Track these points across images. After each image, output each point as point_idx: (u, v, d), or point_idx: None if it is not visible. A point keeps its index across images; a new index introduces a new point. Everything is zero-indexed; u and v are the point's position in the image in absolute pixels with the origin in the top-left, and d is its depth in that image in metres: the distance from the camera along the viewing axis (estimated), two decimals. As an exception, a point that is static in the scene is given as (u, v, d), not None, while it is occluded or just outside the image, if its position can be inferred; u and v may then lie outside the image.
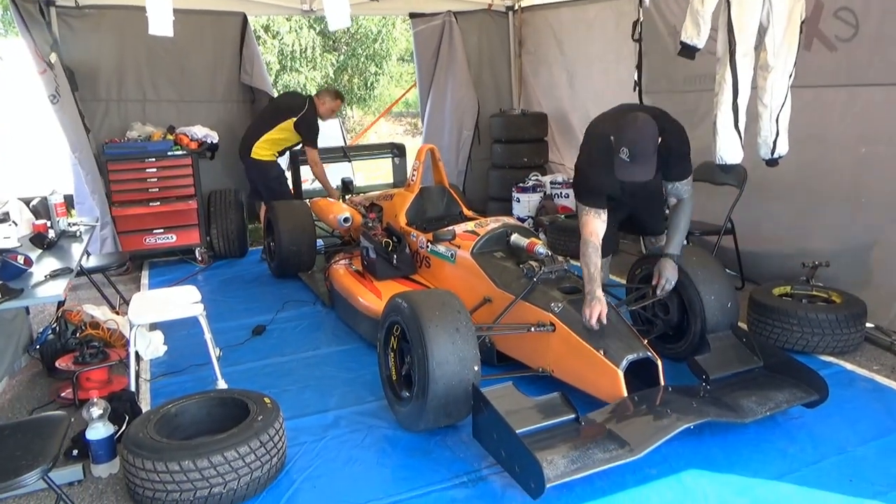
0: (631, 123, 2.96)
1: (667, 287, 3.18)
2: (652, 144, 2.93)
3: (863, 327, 3.57)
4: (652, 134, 2.93)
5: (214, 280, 5.41)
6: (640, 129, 2.93)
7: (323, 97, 5.95)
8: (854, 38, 3.73)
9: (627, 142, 2.91)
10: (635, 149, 2.89)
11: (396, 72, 18.56)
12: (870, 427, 2.83)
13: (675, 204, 3.34)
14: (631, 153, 2.90)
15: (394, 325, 2.98)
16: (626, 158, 2.91)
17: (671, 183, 3.29)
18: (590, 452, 2.41)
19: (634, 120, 2.97)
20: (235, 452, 2.37)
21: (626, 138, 2.92)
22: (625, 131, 2.94)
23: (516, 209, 6.44)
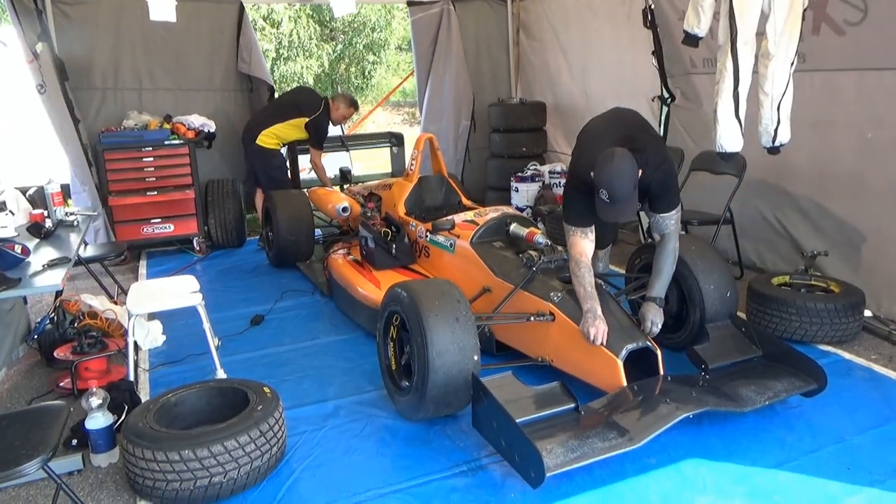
0: (608, 162, 2.83)
1: (653, 330, 3.04)
2: (630, 183, 2.84)
3: (861, 317, 3.58)
4: (630, 172, 2.84)
5: (212, 270, 5.40)
6: (617, 168, 2.82)
7: (338, 103, 5.96)
8: (863, 22, 3.70)
9: (605, 183, 2.82)
10: (613, 190, 2.81)
11: (394, 61, 18.48)
12: (867, 416, 2.84)
13: (659, 241, 3.17)
14: (610, 195, 2.82)
15: (393, 315, 2.97)
16: (606, 199, 2.84)
17: (654, 215, 3.15)
18: (589, 441, 2.42)
19: (611, 158, 2.84)
20: (235, 442, 2.37)
21: (604, 179, 2.82)
22: (602, 171, 2.83)
23: (515, 199, 6.42)
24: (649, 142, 3.07)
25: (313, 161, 5.98)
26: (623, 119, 3.24)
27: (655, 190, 3.06)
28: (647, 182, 3.00)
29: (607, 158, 2.86)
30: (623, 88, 5.90)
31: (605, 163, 2.86)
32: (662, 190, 3.09)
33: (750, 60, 3.29)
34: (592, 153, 3.00)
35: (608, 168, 2.84)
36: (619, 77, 5.98)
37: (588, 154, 3.05)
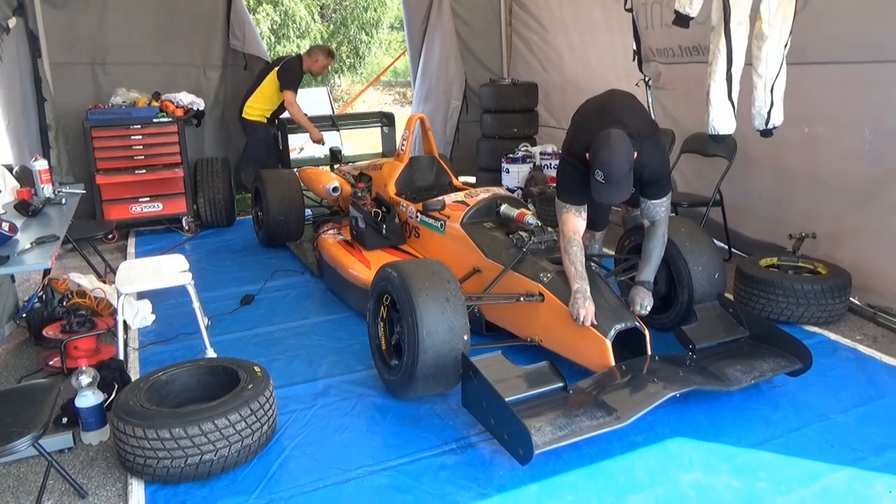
0: (604, 143, 2.85)
1: (642, 312, 3.06)
2: (626, 164, 2.86)
3: (847, 298, 3.62)
4: (626, 153, 2.85)
5: (202, 249, 5.39)
6: (614, 149, 2.83)
7: (315, 54, 5.96)
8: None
9: (601, 164, 2.83)
10: (610, 172, 2.83)
11: (386, 39, 18.32)
12: (851, 395, 2.89)
13: (649, 227, 3.18)
14: (606, 175, 2.84)
15: (384, 295, 2.98)
16: (602, 180, 2.86)
17: (646, 201, 3.15)
18: (577, 420, 2.44)
19: (608, 139, 2.85)
20: (226, 420, 2.38)
21: (600, 160, 2.84)
22: (599, 152, 2.85)
23: (506, 180, 6.41)
24: (644, 126, 3.07)
25: (287, 102, 5.81)
26: (618, 101, 3.24)
27: (648, 176, 3.07)
28: (641, 167, 3.00)
29: (604, 140, 2.87)
30: (615, 69, 5.89)
31: (602, 144, 2.86)
32: (655, 176, 3.09)
33: (743, 42, 3.29)
34: (587, 134, 3.00)
35: (605, 149, 2.84)
36: (612, 57, 5.96)
37: (583, 134, 3.05)
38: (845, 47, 3.65)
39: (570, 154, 3.13)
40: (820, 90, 3.82)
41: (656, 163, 3.08)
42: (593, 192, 2.96)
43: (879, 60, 3.50)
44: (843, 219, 3.87)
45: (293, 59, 6.00)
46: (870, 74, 3.56)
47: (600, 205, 3.39)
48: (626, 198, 2.99)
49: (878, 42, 3.48)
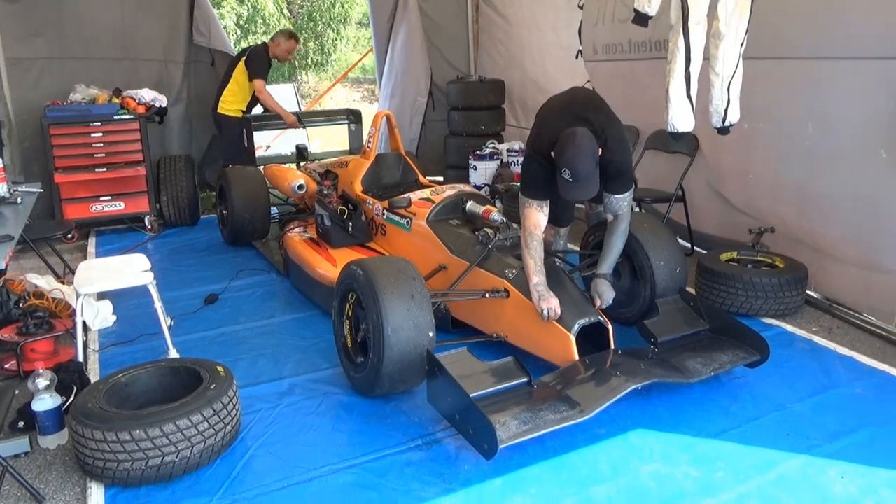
0: (570, 142, 2.88)
1: (603, 306, 3.08)
2: (593, 161, 2.90)
3: (803, 291, 3.71)
4: (591, 151, 2.89)
5: (165, 248, 5.30)
6: (580, 147, 2.87)
7: (277, 39, 5.93)
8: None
9: (567, 163, 2.87)
10: (576, 169, 2.86)
11: (354, 36, 18.23)
12: (807, 385, 2.97)
13: (612, 222, 3.22)
14: (573, 174, 2.87)
15: (349, 293, 2.97)
16: (569, 178, 2.89)
17: (609, 196, 3.17)
18: (542, 414, 2.47)
19: (573, 137, 2.88)
20: (188, 421, 2.35)
21: (566, 159, 2.87)
22: (565, 151, 2.88)
23: (473, 177, 6.44)
24: (607, 122, 3.11)
25: (258, 91, 5.79)
26: (581, 98, 3.28)
27: (612, 171, 3.10)
28: (605, 162, 3.03)
29: (569, 138, 2.89)
30: (573, 68, 5.96)
31: (567, 143, 2.89)
32: (618, 171, 3.13)
33: (701, 41, 3.34)
34: (551, 131, 3.03)
35: (570, 148, 2.87)
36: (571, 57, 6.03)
37: (547, 131, 3.08)
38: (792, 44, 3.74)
39: (535, 151, 3.16)
40: (770, 87, 3.91)
41: (619, 158, 3.11)
42: (561, 191, 2.99)
43: (825, 57, 3.60)
44: (798, 213, 3.97)
45: (258, 47, 5.96)
46: (816, 71, 3.66)
47: (565, 201, 3.43)
48: (593, 194, 3.03)
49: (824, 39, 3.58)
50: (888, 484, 2.30)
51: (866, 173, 3.49)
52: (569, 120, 3.02)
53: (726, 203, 4.52)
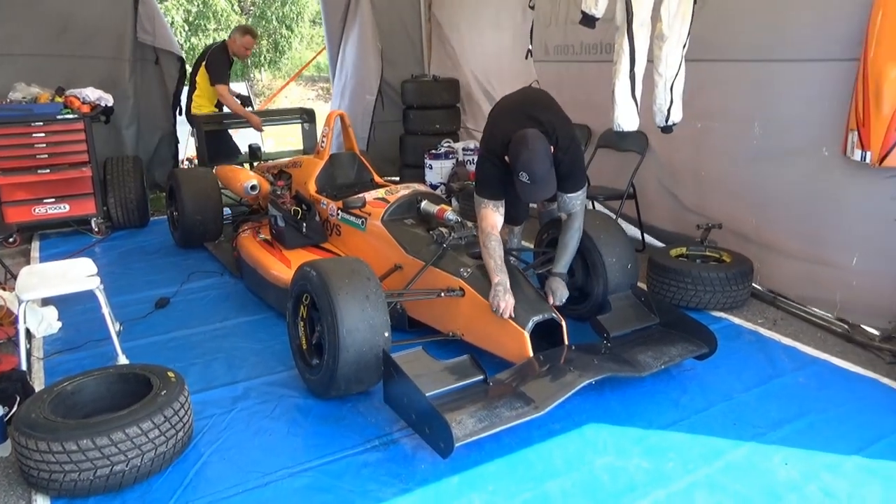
0: (523, 146, 2.91)
1: (557, 303, 3.14)
2: (548, 161, 2.94)
3: (749, 284, 3.83)
4: (545, 151, 2.94)
5: (113, 252, 5.16)
6: (534, 150, 2.90)
7: (233, 35, 5.92)
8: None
9: (523, 166, 2.90)
10: (532, 171, 2.90)
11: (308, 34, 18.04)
12: (753, 375, 3.07)
13: (566, 220, 3.27)
14: (529, 176, 2.91)
15: (303, 294, 2.95)
16: (526, 181, 2.92)
17: (562, 195, 3.21)
18: (497, 411, 2.49)
19: (525, 141, 2.92)
20: (138, 428, 2.30)
21: (522, 162, 2.90)
22: (519, 155, 2.91)
23: (429, 176, 6.44)
24: (558, 122, 3.15)
25: (221, 97, 5.85)
26: (532, 99, 3.32)
27: (563, 170, 3.14)
28: (557, 161, 3.07)
29: (522, 142, 2.92)
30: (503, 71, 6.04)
31: (521, 146, 2.92)
32: (570, 170, 3.17)
33: (646, 42, 3.42)
34: (503, 131, 3.07)
35: (524, 152, 2.91)
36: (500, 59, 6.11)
37: (499, 131, 3.11)
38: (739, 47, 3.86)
39: (488, 151, 3.18)
40: (718, 88, 4.03)
41: (571, 157, 3.16)
42: (520, 193, 3.02)
43: (771, 59, 3.72)
44: (747, 209, 4.09)
45: (216, 48, 5.90)
46: (762, 72, 3.78)
47: (519, 199, 3.47)
48: (552, 193, 3.07)
49: (769, 41, 3.70)
50: (828, 468, 2.40)
51: (810, 170, 3.63)
52: (520, 120, 3.06)
53: (676, 200, 4.63)
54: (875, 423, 2.67)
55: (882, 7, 3.00)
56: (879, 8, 3.01)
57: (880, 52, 3.02)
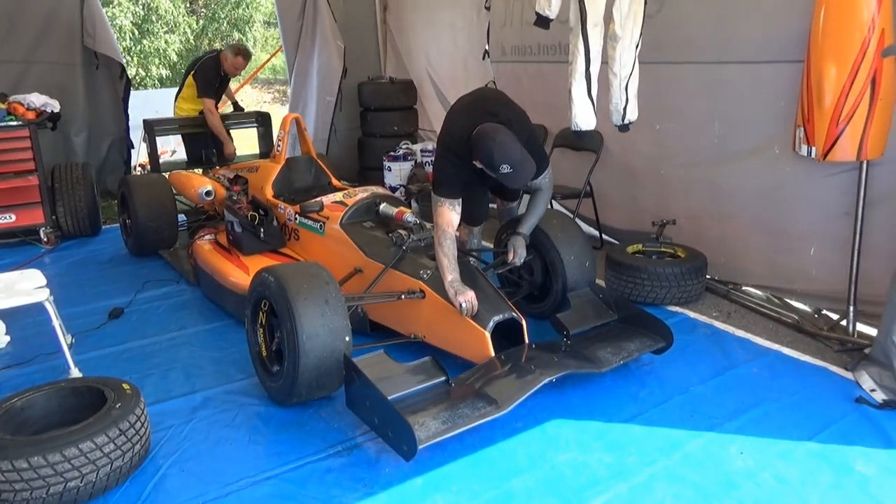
0: (491, 141, 2.93)
1: (517, 261, 3.26)
2: (518, 145, 2.97)
3: (703, 279, 3.93)
4: (511, 137, 2.96)
5: (63, 262, 5.00)
6: (501, 141, 2.93)
7: (225, 54, 5.82)
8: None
9: (501, 159, 2.91)
10: (511, 159, 2.92)
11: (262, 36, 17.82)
12: (708, 368, 3.15)
13: (534, 192, 3.37)
14: (511, 164, 2.93)
15: (262, 300, 2.91)
16: (510, 170, 2.93)
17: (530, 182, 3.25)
18: (460, 412, 2.50)
19: (492, 136, 2.94)
20: (92, 443, 2.24)
21: (498, 157, 2.91)
22: (491, 150, 2.92)
23: (388, 178, 6.43)
24: (513, 116, 3.18)
25: (205, 111, 5.77)
26: (488, 97, 3.37)
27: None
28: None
29: (485, 137, 2.94)
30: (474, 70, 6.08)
31: (487, 141, 2.94)
32: (530, 151, 3.16)
33: (600, 42, 3.47)
34: (461, 128, 3.09)
35: (492, 144, 2.92)
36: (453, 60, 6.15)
37: (457, 128, 3.13)
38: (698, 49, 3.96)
39: (446, 149, 3.19)
40: (677, 88, 4.13)
41: (531, 145, 3.17)
42: (507, 183, 3.07)
43: (726, 61, 3.83)
44: (703, 206, 4.20)
45: (207, 60, 5.79)
46: (719, 74, 3.88)
47: (478, 199, 3.49)
48: (534, 169, 3.08)
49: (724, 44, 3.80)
50: (782, 456, 2.47)
51: (764, 167, 3.74)
52: (476, 115, 3.09)
53: (632, 197, 4.71)
54: (824, 409, 2.77)
55: (821, 10, 3.11)
56: (819, 11, 3.12)
57: (820, 52, 3.14)
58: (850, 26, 3.01)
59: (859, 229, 3.29)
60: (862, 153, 3.14)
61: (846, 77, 3.05)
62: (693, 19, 3.95)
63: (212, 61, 5.79)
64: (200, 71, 5.75)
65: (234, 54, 5.80)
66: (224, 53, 5.81)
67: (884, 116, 3.09)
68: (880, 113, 3.07)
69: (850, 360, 3.13)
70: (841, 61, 3.05)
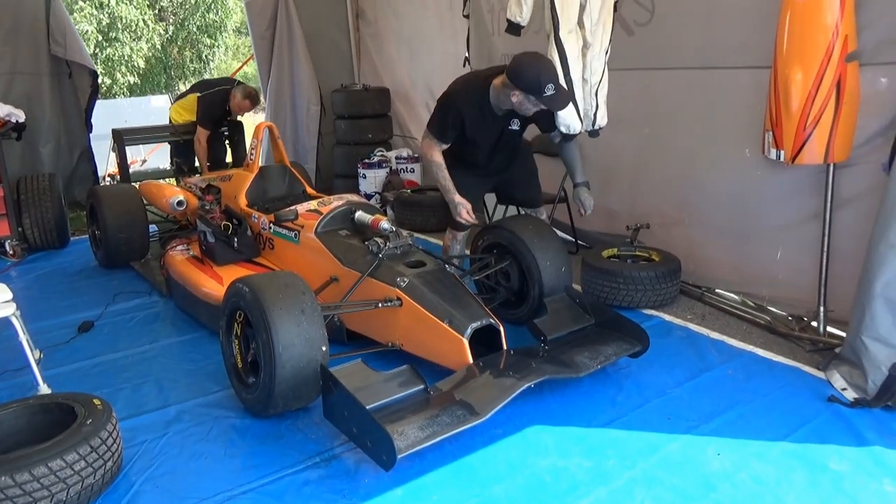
0: (533, 64, 3.12)
1: (588, 212, 3.62)
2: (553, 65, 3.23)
3: (678, 282, 3.97)
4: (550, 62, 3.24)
5: (30, 275, 4.89)
6: (547, 64, 3.15)
7: (234, 92, 5.81)
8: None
9: (548, 79, 3.10)
10: (555, 79, 3.13)
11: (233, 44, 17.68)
12: (684, 370, 3.17)
13: (562, 143, 3.59)
14: (555, 84, 3.12)
15: (236, 311, 2.87)
16: (553, 91, 3.12)
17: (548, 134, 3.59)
18: (439, 420, 2.48)
19: (536, 59, 3.15)
20: (62, 461, 2.18)
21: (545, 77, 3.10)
22: (539, 73, 3.10)
23: (363, 185, 6.41)
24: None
25: (196, 137, 5.83)
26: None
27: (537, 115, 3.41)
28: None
29: (530, 61, 3.14)
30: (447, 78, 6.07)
31: (532, 65, 3.13)
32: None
33: (576, 47, 3.50)
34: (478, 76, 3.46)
35: (540, 67, 3.13)
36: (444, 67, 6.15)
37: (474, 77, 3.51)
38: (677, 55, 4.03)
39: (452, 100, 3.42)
40: (650, 94, 4.18)
41: None
42: (550, 106, 3.22)
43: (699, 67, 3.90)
44: (671, 210, 4.24)
45: (215, 96, 5.81)
46: (692, 79, 3.95)
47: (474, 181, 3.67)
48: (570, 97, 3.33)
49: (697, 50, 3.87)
50: (758, 456, 2.50)
51: (737, 171, 3.80)
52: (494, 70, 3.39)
53: (607, 202, 4.74)
54: (798, 409, 2.81)
55: (786, 16, 3.18)
56: (784, 17, 3.19)
57: (786, 58, 3.20)
58: (815, 32, 3.08)
59: (828, 231, 3.35)
60: (829, 156, 3.21)
61: (812, 82, 3.11)
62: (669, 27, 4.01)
63: (221, 96, 5.79)
64: (207, 102, 5.77)
65: (242, 97, 5.80)
66: (234, 92, 5.80)
67: (849, 120, 3.16)
68: (845, 117, 3.14)
69: (821, 359, 3.18)
70: (806, 67, 3.12)
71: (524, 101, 3.20)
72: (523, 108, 3.26)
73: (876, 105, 3.13)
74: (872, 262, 2.82)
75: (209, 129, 5.81)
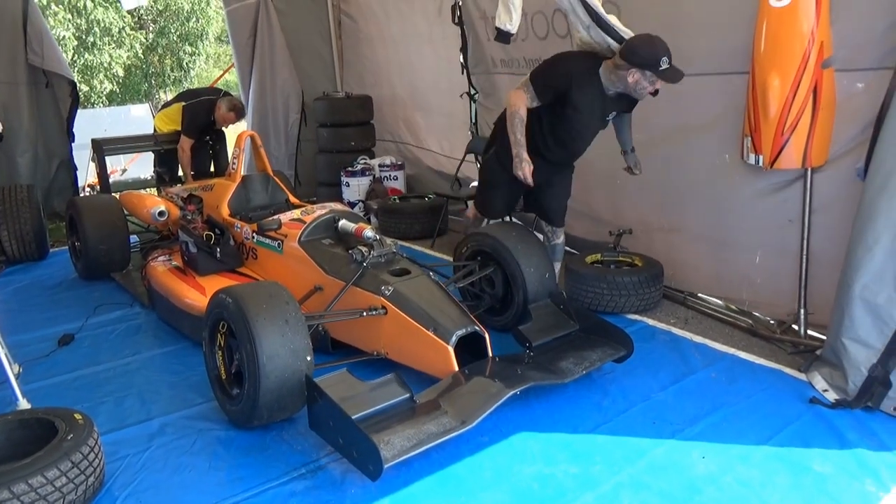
0: (652, 41, 3.20)
1: (639, 172, 3.82)
2: None
3: (661, 286, 4.00)
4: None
5: (8, 288, 4.81)
6: (661, 41, 3.20)
7: (220, 104, 5.76)
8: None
9: (664, 52, 3.17)
10: (669, 54, 3.18)
11: (214, 52, 17.59)
12: (668, 374, 3.20)
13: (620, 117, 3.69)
14: (669, 59, 3.18)
15: (219, 322, 2.85)
16: (668, 64, 3.18)
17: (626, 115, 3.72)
18: (425, 429, 2.48)
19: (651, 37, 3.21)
20: (42, 478, 2.14)
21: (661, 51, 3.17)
22: (657, 49, 3.17)
23: (346, 193, 6.39)
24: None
25: (179, 146, 5.77)
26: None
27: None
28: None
29: (647, 39, 3.21)
30: (440, 83, 6.09)
31: (650, 42, 3.20)
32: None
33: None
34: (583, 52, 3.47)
35: (657, 44, 3.19)
36: (436, 72, 6.15)
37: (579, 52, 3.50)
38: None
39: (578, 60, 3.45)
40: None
41: None
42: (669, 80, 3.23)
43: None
44: (652, 215, 4.28)
45: (203, 104, 5.76)
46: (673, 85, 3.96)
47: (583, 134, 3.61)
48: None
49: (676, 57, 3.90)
50: (742, 459, 2.52)
51: (716, 176, 3.84)
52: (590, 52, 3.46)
53: (590, 208, 4.78)
54: (780, 411, 2.84)
55: (763, 23, 3.22)
56: (761, 24, 3.23)
57: (764, 64, 3.25)
58: (791, 39, 3.13)
59: (807, 235, 3.39)
60: (807, 160, 3.26)
61: (789, 88, 3.16)
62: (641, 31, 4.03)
63: (206, 107, 5.75)
64: (192, 111, 5.73)
65: (227, 108, 5.77)
66: (219, 103, 5.77)
67: (826, 125, 3.21)
68: (822, 122, 3.19)
69: (802, 361, 3.22)
70: (783, 73, 3.16)
71: (641, 80, 3.25)
72: (639, 87, 3.29)
73: (852, 110, 3.18)
74: (851, 265, 2.87)
75: (193, 138, 5.77)
